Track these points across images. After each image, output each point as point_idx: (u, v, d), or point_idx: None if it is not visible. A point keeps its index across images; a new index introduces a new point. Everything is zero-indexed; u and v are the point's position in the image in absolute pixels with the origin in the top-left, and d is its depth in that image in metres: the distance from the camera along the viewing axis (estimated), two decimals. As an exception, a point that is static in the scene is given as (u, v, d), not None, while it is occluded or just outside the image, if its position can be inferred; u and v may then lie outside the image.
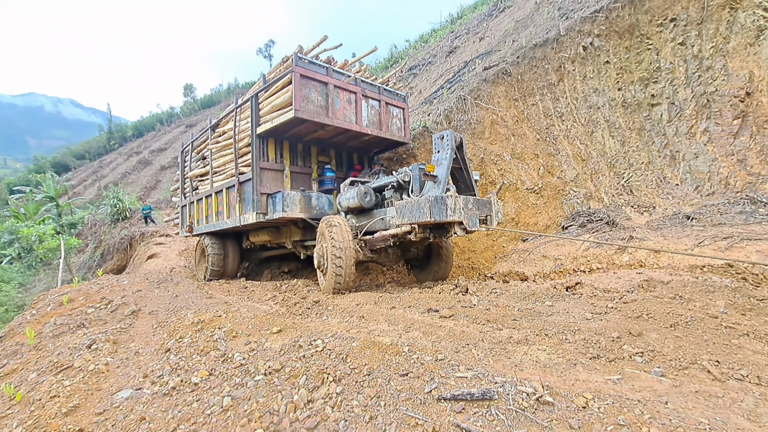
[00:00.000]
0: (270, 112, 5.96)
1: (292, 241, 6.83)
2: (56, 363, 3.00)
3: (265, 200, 6.07)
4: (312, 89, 5.71)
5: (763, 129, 8.00)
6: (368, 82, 6.68)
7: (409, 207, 4.58)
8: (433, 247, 6.22)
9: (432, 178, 4.70)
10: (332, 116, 5.90)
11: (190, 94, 49.64)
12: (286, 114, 5.55)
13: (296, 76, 5.47)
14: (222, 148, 7.28)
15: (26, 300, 11.75)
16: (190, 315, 3.98)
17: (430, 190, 4.70)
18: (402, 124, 7.31)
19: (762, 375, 2.18)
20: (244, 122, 6.55)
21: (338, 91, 6.05)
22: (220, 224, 7.12)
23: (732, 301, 3.33)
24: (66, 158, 45.04)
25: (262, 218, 6.02)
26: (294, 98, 5.42)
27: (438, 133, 4.97)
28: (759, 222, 5.99)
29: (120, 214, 17.14)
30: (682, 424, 1.65)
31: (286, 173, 6.56)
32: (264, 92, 6.15)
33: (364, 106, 6.49)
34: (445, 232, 4.90)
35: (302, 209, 5.93)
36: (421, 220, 4.44)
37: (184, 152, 9.26)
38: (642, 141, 9.21)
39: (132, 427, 2.12)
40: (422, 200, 4.43)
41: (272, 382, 2.29)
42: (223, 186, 6.91)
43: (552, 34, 10.04)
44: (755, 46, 8.20)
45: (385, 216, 5.33)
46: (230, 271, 8.08)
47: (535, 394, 1.89)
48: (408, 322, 3.31)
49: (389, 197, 5.43)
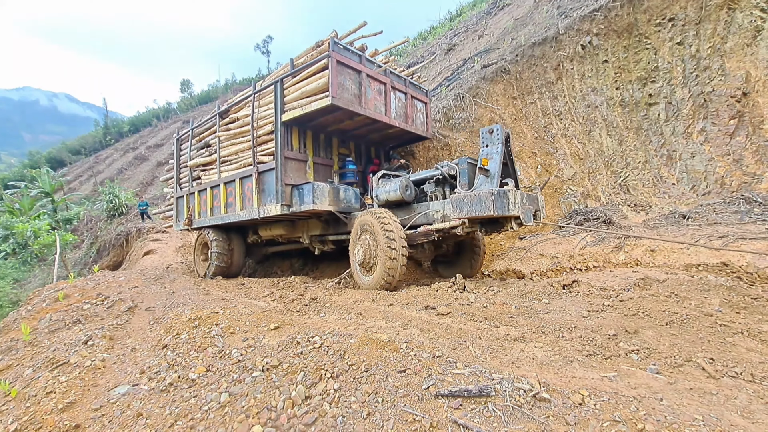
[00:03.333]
0: (298, 99, 5.66)
1: (310, 236, 6.53)
2: (52, 359, 2.99)
3: (290, 191, 5.76)
4: (347, 77, 5.47)
5: (759, 129, 8.04)
6: (396, 73, 6.50)
7: (468, 201, 4.49)
8: (465, 242, 6.04)
9: (485, 172, 4.61)
10: (365, 106, 5.69)
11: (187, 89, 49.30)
12: (321, 101, 5.28)
13: (333, 62, 5.20)
14: (233, 136, 6.91)
15: (21, 296, 11.67)
16: (187, 311, 3.97)
17: (482, 184, 4.61)
18: (425, 119, 7.19)
19: (755, 372, 2.20)
20: (264, 109, 6.21)
21: (370, 80, 5.83)
22: (231, 217, 6.75)
23: (727, 299, 3.36)
24: (61, 153, 44.68)
25: (286, 210, 5.71)
26: (331, 84, 5.16)
27: (486, 127, 4.89)
28: (754, 221, 6.03)
29: (116, 210, 17.05)
30: (676, 421, 1.66)
31: (309, 164, 6.26)
32: (291, 77, 5.82)
33: (393, 97, 6.31)
34: (499, 227, 4.83)
35: (331, 202, 5.67)
36: (483, 214, 4.35)
37: (180, 140, 8.71)
38: (639, 140, 9.24)
39: (129, 423, 2.12)
40: (484, 194, 4.36)
41: (270, 378, 2.29)
42: (236, 176, 6.55)
43: (551, 32, 10.04)
44: (752, 46, 8.23)
45: (428, 210, 5.16)
46: (235, 267, 7.65)
47: (531, 391, 1.90)
48: (406, 319, 3.32)
49: (430, 191, 5.29)
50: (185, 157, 8.32)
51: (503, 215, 4.33)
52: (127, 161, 33.75)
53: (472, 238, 5.87)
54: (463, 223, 4.63)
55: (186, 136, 8.40)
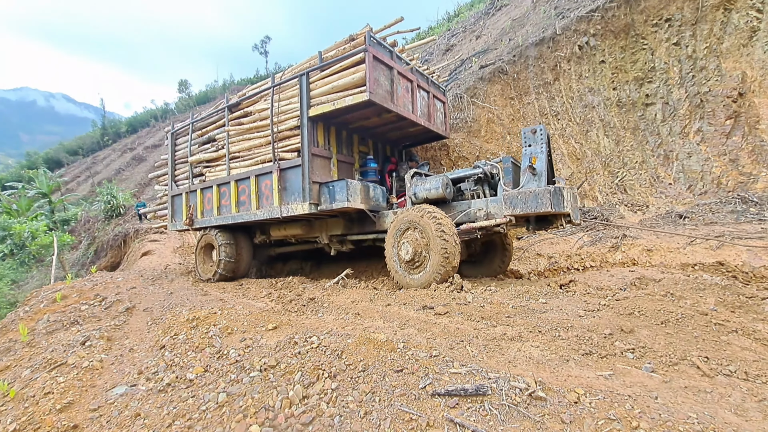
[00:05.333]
0: (327, 93, 5.49)
1: (329, 236, 6.33)
2: (50, 360, 2.99)
3: (317, 189, 5.58)
4: (381, 72, 5.34)
5: (754, 129, 8.09)
6: (420, 71, 6.44)
7: (523, 197, 4.54)
8: (495, 242, 5.99)
9: (532, 171, 4.66)
10: (396, 103, 5.57)
11: (184, 90, 49.17)
12: (356, 96, 5.14)
13: (369, 56, 5.07)
14: (246, 131, 6.60)
15: (19, 297, 11.64)
16: (185, 312, 3.98)
17: (529, 182, 4.65)
18: (443, 118, 7.14)
19: (749, 371, 2.22)
20: (285, 103, 5.98)
21: (400, 77, 5.74)
22: (245, 216, 6.43)
23: (722, 298, 3.38)
24: (59, 154, 44.51)
25: (314, 209, 5.52)
26: (368, 79, 5.03)
27: (529, 127, 4.93)
28: (750, 221, 6.07)
29: (114, 210, 17.02)
30: (671, 419, 1.68)
31: (333, 161, 6.06)
32: (318, 71, 5.64)
33: (418, 96, 6.24)
34: (548, 225, 4.85)
35: (362, 200, 5.51)
36: (539, 210, 4.40)
37: (176, 134, 8.15)
38: (636, 140, 9.29)
39: (127, 423, 2.13)
40: (541, 190, 4.42)
41: (267, 378, 2.30)
42: (251, 173, 6.27)
43: (548, 33, 10.07)
44: (748, 47, 8.28)
45: (469, 208, 5.15)
46: (242, 269, 7.23)
47: (527, 390, 1.91)
48: (403, 319, 3.33)
49: (470, 189, 5.27)
50: (182, 153, 7.91)
51: (558, 212, 4.40)
52: (125, 162, 33.67)
53: (503, 237, 5.83)
54: (510, 220, 4.67)
55: (184, 130, 7.98)
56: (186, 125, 7.90)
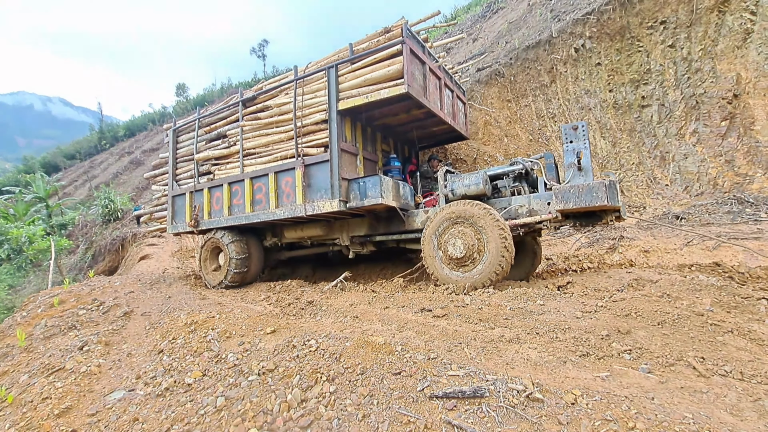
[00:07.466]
0: (359, 86, 5.29)
1: (351, 237, 6.05)
2: (48, 365, 2.98)
3: (346, 186, 5.35)
4: (416, 66, 5.17)
5: (750, 130, 8.15)
6: (446, 70, 6.35)
7: (576, 192, 4.44)
8: (525, 243, 5.75)
9: (578, 166, 4.61)
10: (428, 99, 5.42)
11: (182, 93, 49.11)
12: (392, 89, 4.94)
13: (407, 49, 4.89)
14: (264, 126, 6.28)
15: (16, 302, 11.59)
16: (183, 316, 3.97)
17: (574, 177, 4.60)
18: (464, 119, 7.06)
19: (745, 371, 2.23)
20: (310, 96, 5.73)
21: (430, 74, 5.60)
22: (261, 216, 6.03)
23: (718, 299, 3.40)
24: (56, 158, 44.36)
25: (344, 207, 5.27)
26: (405, 72, 4.85)
27: (570, 124, 4.90)
28: (746, 221, 6.11)
29: (111, 214, 16.95)
30: (667, 419, 1.69)
31: (360, 158, 5.83)
32: (348, 63, 5.43)
33: (445, 94, 6.12)
34: (597, 220, 4.74)
35: (394, 197, 5.32)
36: (594, 204, 4.31)
37: (177, 131, 7.70)
38: (632, 142, 9.34)
39: (125, 427, 2.13)
40: (596, 184, 4.34)
41: (266, 381, 2.31)
42: (269, 170, 5.95)
43: (544, 35, 10.14)
44: (742, 48, 8.35)
45: (510, 205, 5.03)
46: (252, 274, 6.73)
47: (525, 391, 1.92)
48: (401, 322, 3.34)
49: (509, 186, 5.18)
50: (185, 150, 7.50)
51: (614, 206, 4.35)
52: (123, 165, 33.57)
53: (534, 237, 5.71)
54: (556, 216, 4.58)
55: (187, 126, 7.56)
56: (190, 121, 7.48)
